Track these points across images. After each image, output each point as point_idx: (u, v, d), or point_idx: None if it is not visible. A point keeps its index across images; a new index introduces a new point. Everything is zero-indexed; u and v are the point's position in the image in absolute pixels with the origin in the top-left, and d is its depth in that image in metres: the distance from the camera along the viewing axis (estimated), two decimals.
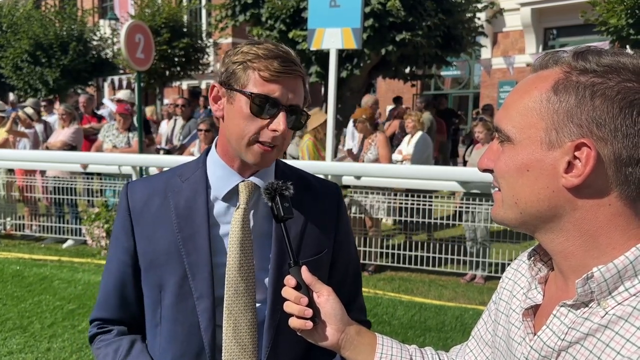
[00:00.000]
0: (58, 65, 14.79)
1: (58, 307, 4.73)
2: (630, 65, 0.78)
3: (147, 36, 6.57)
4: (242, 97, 1.21)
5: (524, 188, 0.84)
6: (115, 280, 1.37)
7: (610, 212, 0.80)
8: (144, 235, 1.31)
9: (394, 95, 20.71)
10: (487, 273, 5.68)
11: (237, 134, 1.23)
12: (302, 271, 1.14)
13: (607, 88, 0.77)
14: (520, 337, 0.94)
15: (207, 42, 15.99)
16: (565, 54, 0.84)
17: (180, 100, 8.70)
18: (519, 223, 0.88)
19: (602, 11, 8.60)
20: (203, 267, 1.27)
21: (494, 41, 18.11)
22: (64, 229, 6.96)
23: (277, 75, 1.19)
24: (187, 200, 1.31)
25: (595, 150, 0.77)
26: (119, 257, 1.35)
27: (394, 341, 1.18)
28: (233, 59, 1.23)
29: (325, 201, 1.42)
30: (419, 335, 4.26)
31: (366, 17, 8.01)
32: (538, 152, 0.82)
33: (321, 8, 5.29)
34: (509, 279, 1.08)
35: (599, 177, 0.78)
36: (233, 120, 1.23)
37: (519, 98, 0.86)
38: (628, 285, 0.79)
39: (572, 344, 0.82)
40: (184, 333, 1.28)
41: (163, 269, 1.29)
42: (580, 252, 0.83)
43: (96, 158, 6.57)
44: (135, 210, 1.33)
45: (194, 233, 1.28)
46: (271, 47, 1.21)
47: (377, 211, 5.82)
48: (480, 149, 6.08)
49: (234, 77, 1.22)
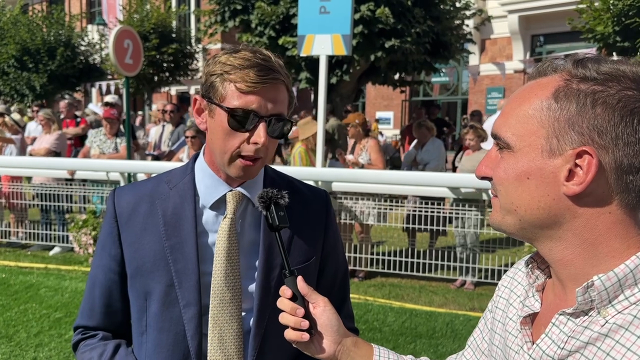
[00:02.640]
0: (45, 70, 14.66)
1: (44, 315, 4.66)
2: (630, 73, 0.78)
3: (136, 42, 6.54)
4: (221, 111, 1.19)
5: (524, 195, 0.84)
6: (101, 287, 1.35)
7: (611, 220, 0.80)
8: (130, 242, 1.30)
9: (384, 101, 20.84)
10: (476, 279, 5.70)
11: (220, 149, 1.22)
12: (298, 281, 1.12)
13: (608, 96, 0.77)
14: (517, 346, 0.93)
15: (196, 47, 15.95)
16: (563, 62, 0.84)
17: (169, 106, 8.66)
18: (517, 230, 0.87)
19: (588, 19, 8.70)
20: (190, 275, 1.26)
21: (482, 48, 18.26)
22: (51, 236, 6.87)
23: (253, 86, 1.16)
24: (174, 207, 1.29)
25: (597, 157, 0.77)
26: (106, 264, 1.34)
27: (391, 352, 1.17)
28: (211, 70, 1.21)
29: (313, 208, 1.41)
30: (410, 342, 4.25)
31: (356, 23, 8.04)
32: (538, 160, 0.81)
33: (311, 14, 5.30)
34: (505, 287, 1.07)
35: (600, 185, 0.78)
36: (215, 135, 1.22)
37: (518, 105, 0.85)
38: (628, 294, 0.78)
39: (572, 352, 0.81)
40: (170, 341, 1.27)
41: (149, 277, 1.27)
42: (580, 260, 0.82)
43: (84, 164, 6.51)
44: (122, 217, 1.31)
45: (182, 241, 1.27)
46: (248, 55, 1.18)
47: (367, 217, 5.82)
48: (470, 155, 6.10)
49: (212, 90, 1.20)
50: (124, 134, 6.74)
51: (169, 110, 8.44)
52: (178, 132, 8.15)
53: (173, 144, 8.05)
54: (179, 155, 7.13)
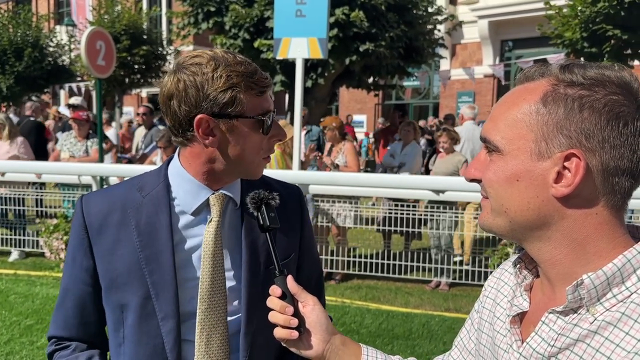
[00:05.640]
0: (12, 72, 14.33)
1: (15, 322, 4.54)
2: (615, 78, 0.80)
3: (109, 43, 6.45)
4: (245, 122, 1.18)
5: (514, 197, 0.86)
6: (74, 299, 1.31)
7: (597, 221, 0.82)
8: (103, 255, 1.26)
9: (357, 104, 20.96)
10: (451, 280, 5.77)
11: (249, 157, 1.23)
12: (288, 280, 1.13)
13: (594, 100, 0.79)
14: (506, 345, 0.95)
15: (167, 49, 15.79)
16: (550, 67, 0.87)
17: (142, 108, 8.55)
18: (507, 231, 0.90)
19: (557, 25, 8.92)
20: (167, 286, 1.23)
21: (453, 53, 18.54)
22: (10, 240, 6.68)
23: (265, 87, 1.20)
24: (148, 216, 1.26)
25: (584, 160, 0.79)
26: (77, 275, 1.30)
27: (379, 352, 1.18)
28: (216, 86, 1.14)
29: (289, 204, 1.40)
30: (387, 344, 4.28)
31: (330, 27, 8.06)
32: (527, 163, 0.84)
33: (287, 17, 5.31)
34: (491, 287, 1.10)
35: (587, 186, 0.81)
36: (238, 146, 1.21)
37: (506, 110, 0.87)
38: (616, 292, 0.81)
39: (562, 350, 0.83)
40: (148, 354, 1.25)
41: (125, 289, 1.24)
42: (568, 260, 0.85)
43: (55, 168, 6.37)
44: (93, 227, 1.27)
45: (157, 251, 1.24)
46: (241, 60, 1.19)
47: (344, 220, 5.84)
48: (444, 158, 6.18)
49: (229, 106, 1.16)
50: (95, 136, 6.63)
51: (141, 112, 8.34)
52: (151, 134, 8.04)
53: (146, 147, 7.95)
54: (152, 158, 7.04)
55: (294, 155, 5.44)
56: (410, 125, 6.88)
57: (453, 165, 6.00)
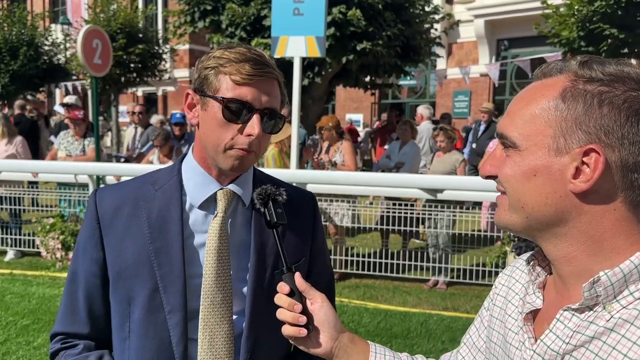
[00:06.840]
0: (7, 70, 14.23)
1: (11, 322, 4.51)
2: (634, 75, 0.80)
3: (105, 42, 6.41)
4: (214, 103, 1.18)
5: (531, 193, 0.85)
6: (82, 292, 1.30)
7: (615, 217, 0.82)
8: (113, 246, 1.26)
9: (353, 103, 20.96)
10: (449, 279, 5.77)
11: (213, 141, 1.20)
12: (296, 277, 1.12)
13: (614, 96, 0.79)
14: (519, 342, 0.94)
15: (163, 48, 15.73)
16: (568, 63, 0.86)
17: (138, 107, 8.52)
18: (523, 227, 0.89)
19: (554, 24, 8.93)
20: (176, 279, 1.23)
21: (449, 52, 18.57)
22: (6, 240, 6.64)
23: (249, 78, 1.16)
24: (160, 209, 1.26)
25: (604, 155, 0.79)
26: (87, 268, 1.29)
27: (387, 349, 1.17)
28: (205, 64, 1.20)
29: (301, 210, 1.40)
30: (386, 342, 4.27)
31: (327, 26, 8.04)
32: (545, 158, 0.83)
33: (285, 16, 5.28)
34: (502, 285, 1.09)
35: (606, 182, 0.80)
36: (208, 127, 1.21)
37: (524, 105, 0.87)
38: (633, 289, 0.80)
39: (577, 347, 0.82)
40: (154, 348, 1.24)
41: (133, 281, 1.24)
42: (584, 257, 0.84)
43: (52, 167, 6.33)
44: (105, 219, 1.27)
45: (167, 244, 1.23)
46: (243, 50, 1.20)
47: (341, 218, 5.83)
48: (441, 157, 6.18)
49: (206, 83, 1.20)
50: (92, 135, 6.58)
51: (137, 111, 8.31)
52: (147, 134, 8.02)
53: (142, 146, 7.92)
54: (148, 157, 7.01)
55: (292, 155, 5.42)
56: (408, 124, 6.87)
57: (450, 164, 6.00)
